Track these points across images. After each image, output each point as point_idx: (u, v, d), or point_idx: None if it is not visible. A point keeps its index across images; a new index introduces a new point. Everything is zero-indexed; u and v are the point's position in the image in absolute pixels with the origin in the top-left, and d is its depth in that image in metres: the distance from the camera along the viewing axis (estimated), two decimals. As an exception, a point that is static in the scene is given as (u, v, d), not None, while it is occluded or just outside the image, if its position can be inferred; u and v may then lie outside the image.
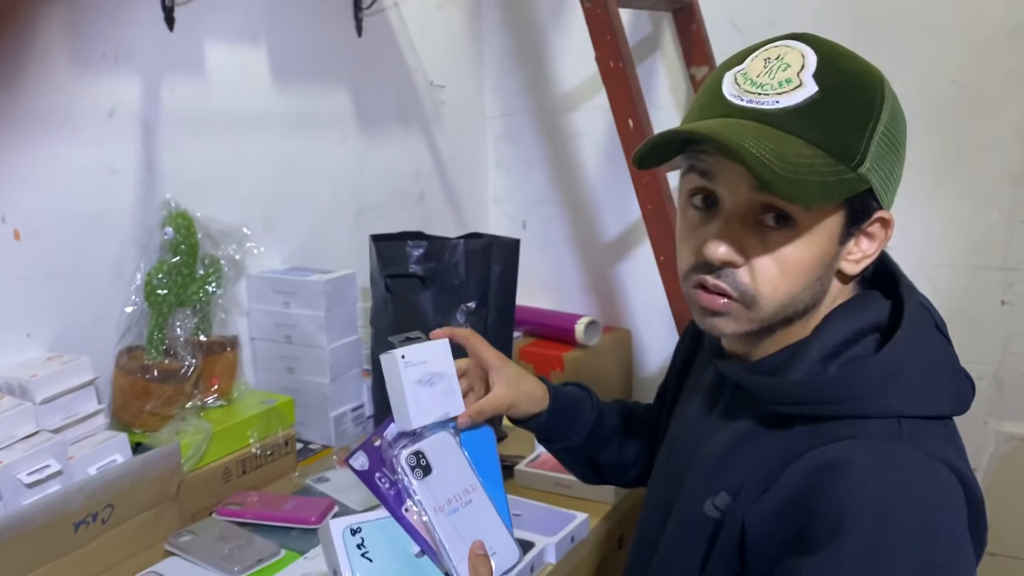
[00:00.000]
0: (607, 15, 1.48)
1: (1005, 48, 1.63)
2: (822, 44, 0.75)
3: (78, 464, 1.14)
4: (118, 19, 1.32)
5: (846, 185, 0.72)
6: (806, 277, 0.76)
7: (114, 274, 1.34)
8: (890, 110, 0.74)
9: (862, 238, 0.78)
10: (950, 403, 0.77)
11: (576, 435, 1.04)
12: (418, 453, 0.86)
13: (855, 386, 0.74)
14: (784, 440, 0.77)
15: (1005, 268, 1.70)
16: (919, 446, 0.72)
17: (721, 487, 0.80)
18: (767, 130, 0.71)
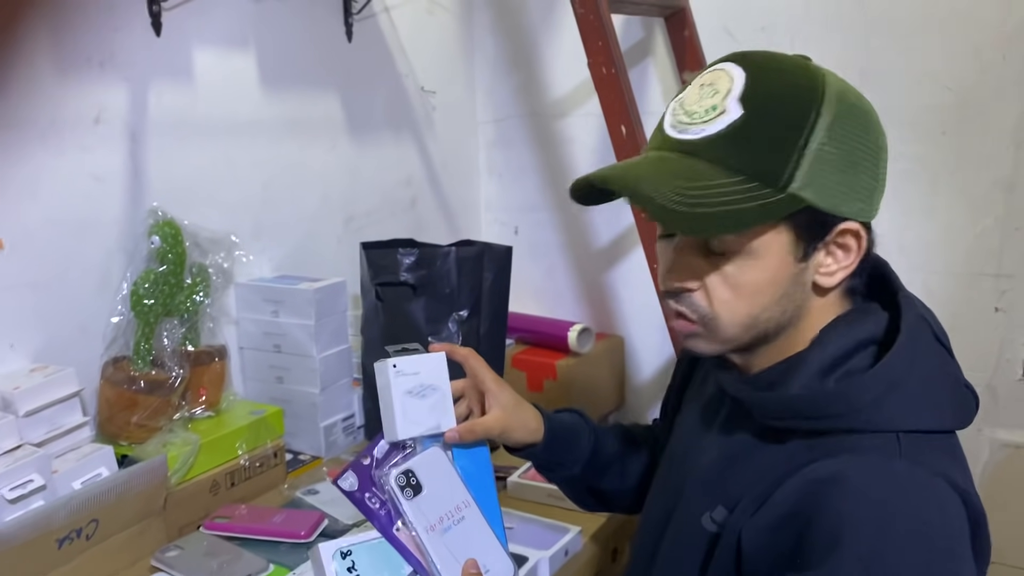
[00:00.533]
0: (599, 21, 1.46)
1: (999, 55, 1.62)
2: (756, 64, 0.75)
3: (62, 478, 1.12)
4: (104, 24, 1.30)
5: (773, 207, 0.71)
6: (764, 297, 0.76)
7: (100, 284, 1.32)
8: (831, 122, 0.71)
9: (834, 250, 0.76)
10: (952, 417, 0.76)
11: (573, 464, 1.02)
12: (408, 472, 0.84)
13: (852, 400, 0.73)
14: (781, 454, 0.76)
15: (999, 275, 1.69)
16: (919, 462, 0.70)
17: (719, 501, 0.79)
18: (687, 163, 0.73)
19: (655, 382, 2.14)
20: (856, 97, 0.75)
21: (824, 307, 0.79)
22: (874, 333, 0.77)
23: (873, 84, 1.71)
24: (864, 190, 0.74)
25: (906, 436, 0.72)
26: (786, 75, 0.74)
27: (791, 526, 0.71)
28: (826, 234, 0.75)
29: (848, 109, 0.73)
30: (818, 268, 0.76)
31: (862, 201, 0.74)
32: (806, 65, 0.76)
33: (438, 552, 0.83)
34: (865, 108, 0.75)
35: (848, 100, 0.74)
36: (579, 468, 1.02)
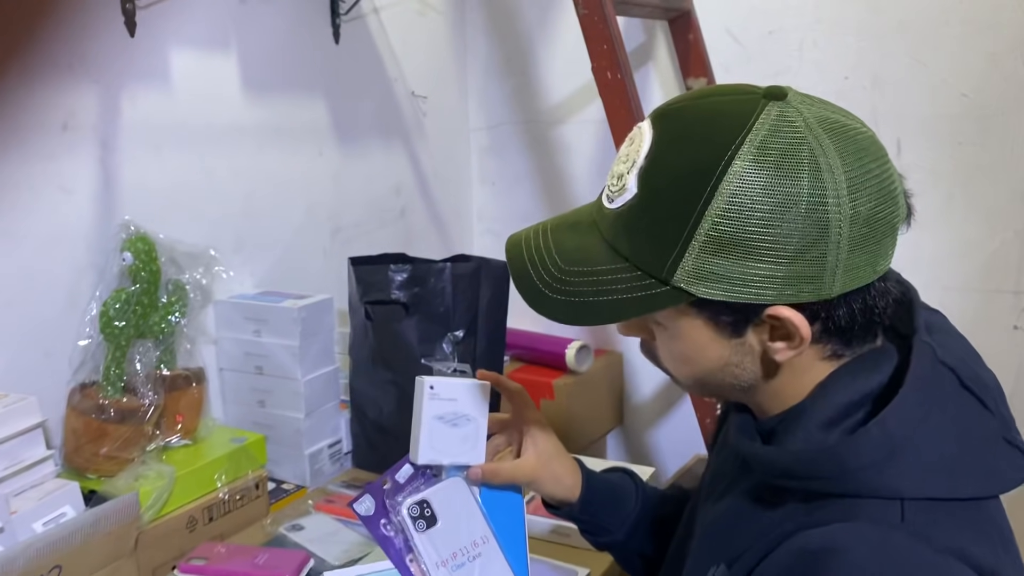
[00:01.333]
0: (604, 23, 1.38)
1: (1018, 61, 1.56)
2: (667, 129, 0.66)
3: (21, 519, 1.03)
4: (73, 23, 1.22)
5: (656, 300, 0.65)
6: (699, 367, 0.71)
7: (67, 303, 1.24)
8: (725, 209, 0.61)
9: (775, 330, 0.66)
10: (976, 483, 0.65)
11: (617, 530, 0.93)
12: (423, 502, 0.82)
13: (846, 462, 0.63)
14: (778, 515, 0.68)
15: (1018, 292, 1.62)
16: (923, 537, 0.61)
17: (721, 558, 0.71)
18: (590, 238, 0.71)
19: (655, 400, 2.06)
20: (791, 166, 0.61)
21: (807, 370, 0.69)
22: (879, 384, 0.67)
23: (887, 91, 1.67)
24: (792, 277, 0.62)
25: (912, 504, 0.62)
26: (691, 145, 0.64)
27: None
28: (749, 318, 0.65)
29: (755, 189, 0.61)
30: (763, 344, 0.67)
31: (792, 286, 0.62)
32: (728, 128, 0.63)
33: None
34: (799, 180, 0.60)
35: (762, 177, 0.61)
36: (623, 534, 0.93)
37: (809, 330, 0.64)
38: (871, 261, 0.64)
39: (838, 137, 0.62)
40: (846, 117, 0.65)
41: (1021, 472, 0.66)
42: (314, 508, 1.33)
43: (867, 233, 0.62)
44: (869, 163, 0.63)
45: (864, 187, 0.62)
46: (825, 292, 0.63)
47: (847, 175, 0.61)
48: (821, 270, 0.62)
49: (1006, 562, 0.63)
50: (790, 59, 1.74)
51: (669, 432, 2.04)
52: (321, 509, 1.32)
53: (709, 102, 0.67)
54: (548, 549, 1.22)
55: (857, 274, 0.63)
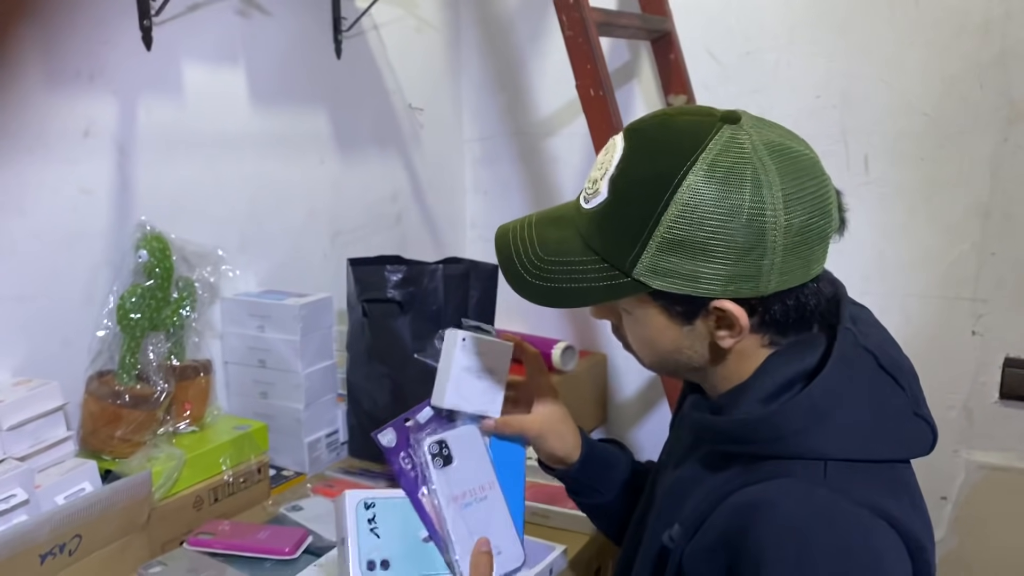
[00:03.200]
0: (588, 44, 1.48)
1: (976, 83, 1.66)
2: (636, 142, 0.76)
3: (45, 493, 1.11)
4: (94, 37, 1.30)
5: (618, 288, 0.76)
6: (659, 347, 0.81)
7: (86, 297, 1.31)
8: (681, 211, 0.70)
9: (720, 320, 0.76)
10: (889, 448, 0.76)
11: (607, 492, 1.03)
12: (442, 442, 0.90)
13: (778, 427, 0.74)
14: (722, 478, 0.78)
15: (975, 299, 1.72)
16: (842, 492, 0.71)
17: (676, 519, 0.81)
18: (568, 232, 0.80)
19: (638, 400, 2.15)
20: (736, 181, 0.70)
21: (750, 355, 0.80)
22: (810, 364, 0.78)
23: (854, 110, 1.77)
24: (734, 276, 0.72)
25: (834, 465, 0.73)
26: (655, 159, 0.74)
27: (723, 551, 0.73)
28: (697, 309, 0.76)
29: (705, 198, 0.70)
30: (710, 331, 0.78)
31: (733, 283, 0.72)
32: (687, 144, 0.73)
33: (455, 523, 0.87)
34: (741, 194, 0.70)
35: (711, 188, 0.70)
36: (612, 496, 1.03)
37: (748, 321, 0.75)
38: (803, 266, 0.74)
39: (779, 158, 0.72)
40: (791, 140, 0.75)
41: (927, 442, 0.77)
42: (312, 491, 1.41)
43: (799, 242, 0.72)
44: (806, 182, 0.73)
45: (798, 203, 0.72)
46: (761, 290, 0.73)
47: (784, 192, 0.71)
48: (758, 271, 0.72)
49: (914, 517, 0.73)
50: (765, 78, 1.84)
51: (650, 430, 2.12)
52: (319, 492, 1.41)
53: (673, 121, 0.77)
54: (531, 529, 1.30)
55: (790, 276, 0.74)
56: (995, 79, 1.64)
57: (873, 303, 1.73)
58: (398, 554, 0.84)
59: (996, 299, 1.71)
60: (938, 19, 1.67)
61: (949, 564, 1.81)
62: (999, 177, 1.67)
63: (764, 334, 0.79)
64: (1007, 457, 1.74)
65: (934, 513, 1.79)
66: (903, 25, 1.70)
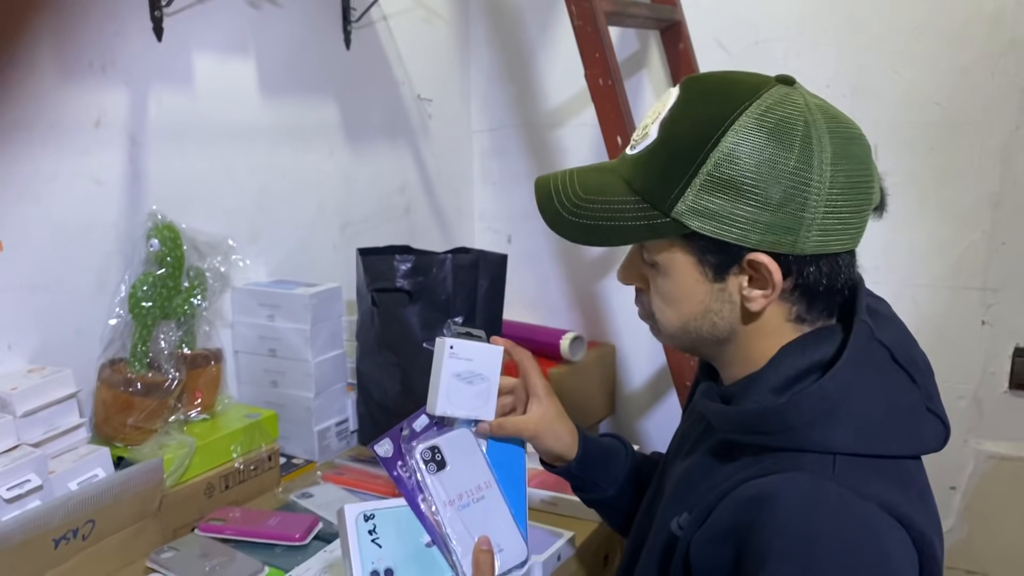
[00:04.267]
0: (597, 33, 1.49)
1: (987, 72, 1.65)
2: (694, 89, 0.77)
3: (59, 479, 1.12)
4: (105, 28, 1.31)
5: (658, 229, 0.75)
6: (686, 308, 0.80)
7: (98, 286, 1.33)
8: (729, 154, 0.71)
9: (753, 279, 0.76)
10: (900, 444, 0.75)
11: (608, 486, 1.04)
12: (434, 448, 0.91)
13: (788, 419, 0.73)
14: (731, 468, 0.78)
15: (985, 289, 1.72)
16: (850, 486, 0.70)
17: (685, 508, 0.81)
18: (608, 178, 0.80)
19: (646, 390, 2.16)
20: (787, 130, 0.71)
21: (774, 330, 0.79)
22: (825, 356, 0.77)
23: (865, 99, 1.76)
24: (774, 225, 0.72)
25: (843, 459, 0.72)
26: (709, 103, 0.74)
27: (730, 542, 0.73)
28: (732, 261, 0.75)
29: (754, 142, 0.71)
30: (740, 291, 0.77)
31: (773, 234, 0.72)
32: (742, 93, 0.73)
33: (454, 526, 0.88)
34: (791, 142, 0.71)
35: (761, 132, 0.71)
36: (613, 491, 1.04)
37: (781, 279, 0.74)
38: (842, 230, 0.74)
39: (831, 122, 0.73)
40: (843, 114, 0.76)
41: (939, 438, 0.77)
42: (322, 479, 1.43)
43: (841, 203, 0.72)
44: (854, 148, 0.74)
45: (846, 162, 0.72)
46: (799, 246, 0.73)
47: (833, 150, 0.71)
48: (799, 224, 0.72)
49: (922, 512, 0.73)
50: (775, 68, 1.79)
51: (657, 421, 2.13)
52: (329, 479, 1.42)
53: (731, 74, 0.78)
54: (539, 516, 1.31)
55: (829, 239, 0.73)
56: (1007, 68, 1.64)
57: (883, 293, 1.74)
58: (401, 561, 0.85)
59: (1006, 289, 1.70)
60: (949, 8, 1.66)
61: (958, 554, 1.81)
62: (1010, 166, 1.66)
63: (792, 305, 0.78)
64: (1017, 447, 1.74)
65: (943, 503, 1.79)
66: (913, 14, 1.69)
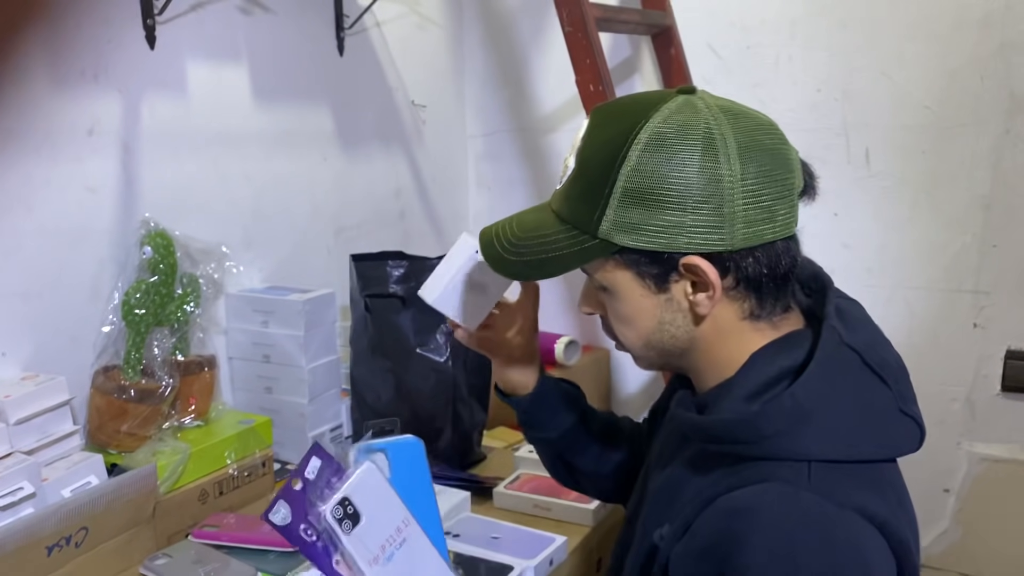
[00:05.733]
0: (587, 39, 1.49)
1: (977, 76, 1.66)
2: (596, 117, 0.80)
3: (52, 486, 1.13)
4: (98, 37, 1.32)
5: (589, 251, 0.77)
6: (641, 325, 0.81)
7: (91, 293, 1.33)
8: (634, 168, 0.73)
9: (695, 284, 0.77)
10: (873, 448, 0.75)
11: (552, 429, 1.04)
12: (344, 501, 0.79)
13: (760, 428, 0.73)
14: (710, 479, 0.77)
15: (977, 291, 1.72)
16: (826, 494, 0.70)
17: (665, 519, 0.81)
18: (543, 213, 0.83)
19: (640, 395, 2.16)
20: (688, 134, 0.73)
21: (732, 331, 0.79)
22: (795, 362, 0.77)
23: (856, 103, 1.77)
24: (697, 226, 0.73)
25: (818, 466, 0.72)
26: (613, 124, 0.77)
27: (711, 558, 0.72)
28: (669, 269, 0.76)
29: (659, 150, 0.73)
30: (687, 298, 0.77)
31: (699, 235, 0.73)
32: (642, 109, 0.76)
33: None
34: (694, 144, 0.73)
35: (664, 140, 0.73)
36: (556, 435, 1.04)
37: (718, 277, 0.75)
38: (768, 219, 0.74)
39: (732, 116, 0.74)
40: (749, 109, 0.77)
41: (914, 440, 0.77)
42: (315, 485, 1.43)
43: (757, 191, 0.73)
44: (760, 136, 0.75)
45: (754, 152, 0.73)
46: (729, 242, 0.73)
47: (737, 142, 0.73)
48: (721, 221, 0.73)
49: (900, 516, 0.73)
50: (767, 72, 1.85)
51: (653, 425, 2.13)
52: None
53: (635, 94, 0.81)
54: (532, 521, 1.32)
55: (756, 229, 0.74)
56: (996, 71, 1.65)
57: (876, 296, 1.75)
58: None
59: (998, 291, 1.71)
60: (939, 12, 1.67)
61: (952, 556, 1.82)
62: (1000, 169, 1.67)
63: (743, 301, 0.78)
64: (1009, 449, 1.75)
65: (937, 505, 1.81)
66: (904, 18, 1.70)
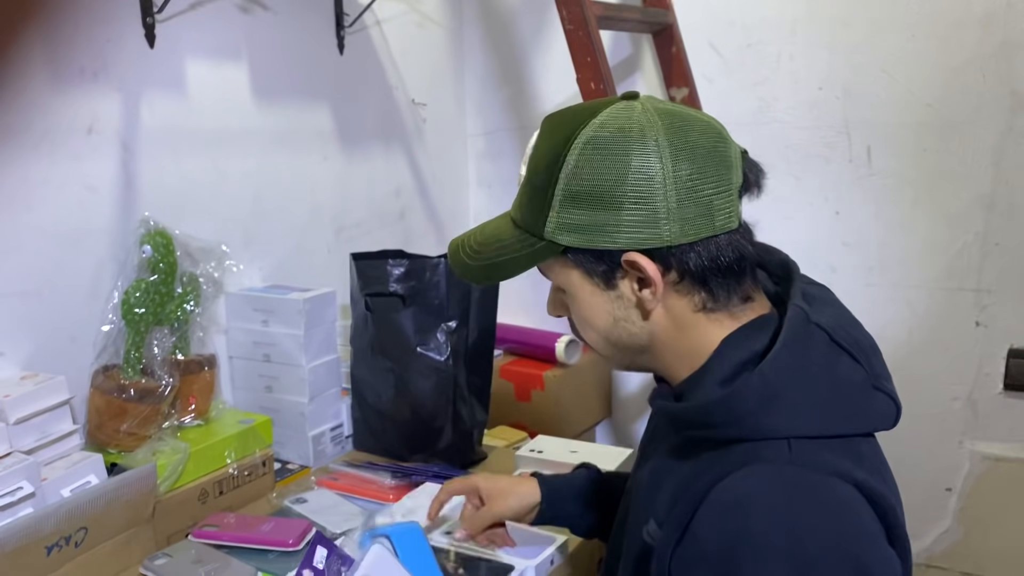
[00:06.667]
0: (588, 37, 1.49)
1: (979, 74, 1.66)
2: (548, 122, 0.83)
3: (51, 486, 1.13)
4: (98, 35, 1.32)
5: (538, 253, 0.80)
6: (598, 323, 0.83)
7: (91, 292, 1.33)
8: (572, 170, 0.76)
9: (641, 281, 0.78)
10: (848, 422, 0.76)
11: (582, 519, 1.09)
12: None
13: (734, 409, 0.74)
14: (695, 468, 0.77)
15: (979, 290, 1.72)
16: (809, 466, 0.72)
17: (651, 515, 0.81)
18: (502, 220, 0.86)
19: (641, 393, 2.16)
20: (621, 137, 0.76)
21: (689, 324, 0.80)
22: (763, 344, 0.78)
23: (856, 101, 1.77)
24: (633, 223, 0.75)
25: (796, 442, 0.73)
26: (556, 132, 0.80)
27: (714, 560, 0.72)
28: (613, 266, 0.78)
29: (594, 152, 0.76)
30: (634, 294, 0.79)
31: (636, 232, 0.75)
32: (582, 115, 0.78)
33: None
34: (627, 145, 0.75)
35: (599, 143, 0.76)
36: (589, 521, 1.09)
37: (659, 272, 0.77)
38: (705, 214, 0.75)
39: (669, 118, 0.76)
40: (689, 111, 0.79)
41: (890, 415, 0.78)
42: (316, 484, 1.43)
43: (691, 188, 0.75)
44: (694, 136, 0.76)
45: (686, 152, 0.75)
46: (665, 238, 0.75)
47: (671, 143, 0.75)
48: (655, 217, 0.75)
49: (879, 482, 0.74)
50: (768, 70, 1.84)
51: (654, 424, 2.13)
52: (323, 485, 1.42)
53: (582, 103, 0.84)
54: (531, 521, 1.32)
55: (693, 225, 0.75)
56: (998, 69, 1.64)
57: (877, 295, 1.75)
58: None
59: (1000, 290, 1.71)
60: (940, 10, 1.67)
61: (955, 554, 1.81)
62: (1002, 167, 1.67)
63: (692, 296, 0.79)
64: (1012, 448, 1.74)
65: (939, 504, 1.80)
66: (905, 16, 1.70)
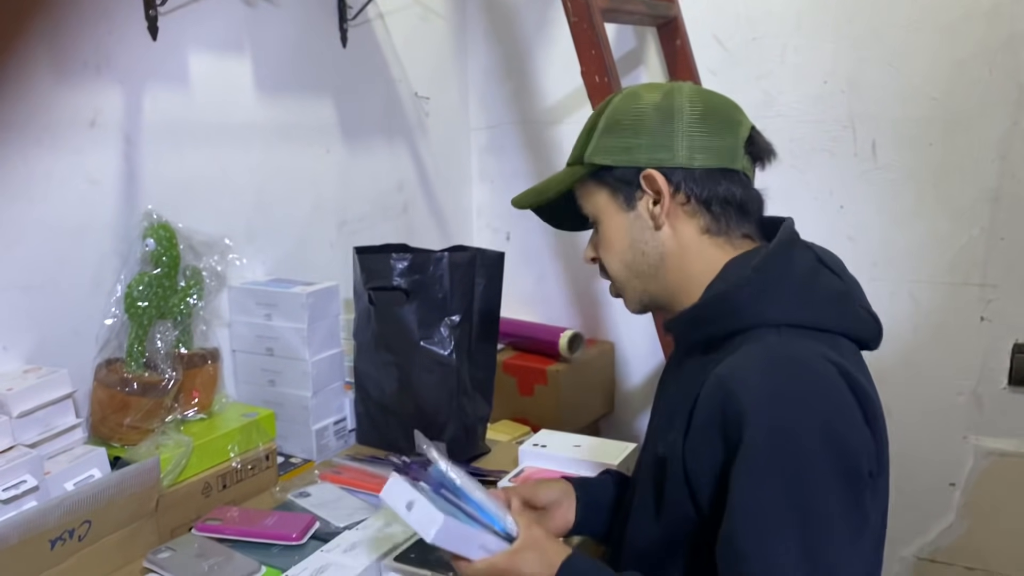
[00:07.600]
0: (592, 30, 1.48)
1: (985, 67, 1.65)
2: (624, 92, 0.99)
3: (55, 479, 1.12)
4: (100, 28, 1.31)
5: (575, 173, 0.99)
6: (620, 245, 0.98)
7: (94, 286, 1.33)
8: (611, 110, 0.96)
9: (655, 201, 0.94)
10: (833, 319, 0.88)
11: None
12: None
13: (731, 300, 0.89)
14: (701, 366, 0.89)
15: (984, 284, 1.71)
16: (795, 345, 0.84)
17: (670, 426, 0.91)
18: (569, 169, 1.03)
19: (645, 387, 2.15)
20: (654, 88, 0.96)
21: (694, 244, 0.94)
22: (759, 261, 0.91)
23: (862, 94, 1.76)
24: (653, 145, 0.92)
25: (786, 328, 0.86)
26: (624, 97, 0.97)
27: (714, 427, 0.83)
28: (632, 183, 0.94)
29: (629, 98, 0.96)
30: (649, 211, 0.94)
31: (654, 153, 0.92)
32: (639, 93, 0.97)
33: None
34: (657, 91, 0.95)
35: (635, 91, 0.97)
36: None
37: (667, 185, 0.92)
38: (706, 147, 0.92)
39: (695, 87, 0.96)
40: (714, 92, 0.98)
41: (873, 332, 0.92)
42: (320, 478, 1.42)
43: (701, 122, 0.92)
44: (714, 98, 0.96)
45: (701, 106, 0.93)
46: (676, 158, 0.92)
47: (690, 95, 0.94)
48: (671, 141, 0.92)
49: (863, 379, 0.84)
50: (772, 63, 1.83)
51: (657, 418, 2.13)
52: (326, 479, 1.42)
53: None
54: (535, 516, 1.32)
55: (701, 153, 0.92)
56: (1004, 63, 1.63)
57: (882, 289, 1.75)
58: None
59: (1005, 285, 1.70)
60: (946, 3, 1.66)
61: (959, 550, 1.81)
62: (1008, 161, 1.66)
63: (698, 218, 0.94)
64: (1016, 443, 1.74)
65: (943, 499, 1.80)
66: (911, 9, 1.69)
